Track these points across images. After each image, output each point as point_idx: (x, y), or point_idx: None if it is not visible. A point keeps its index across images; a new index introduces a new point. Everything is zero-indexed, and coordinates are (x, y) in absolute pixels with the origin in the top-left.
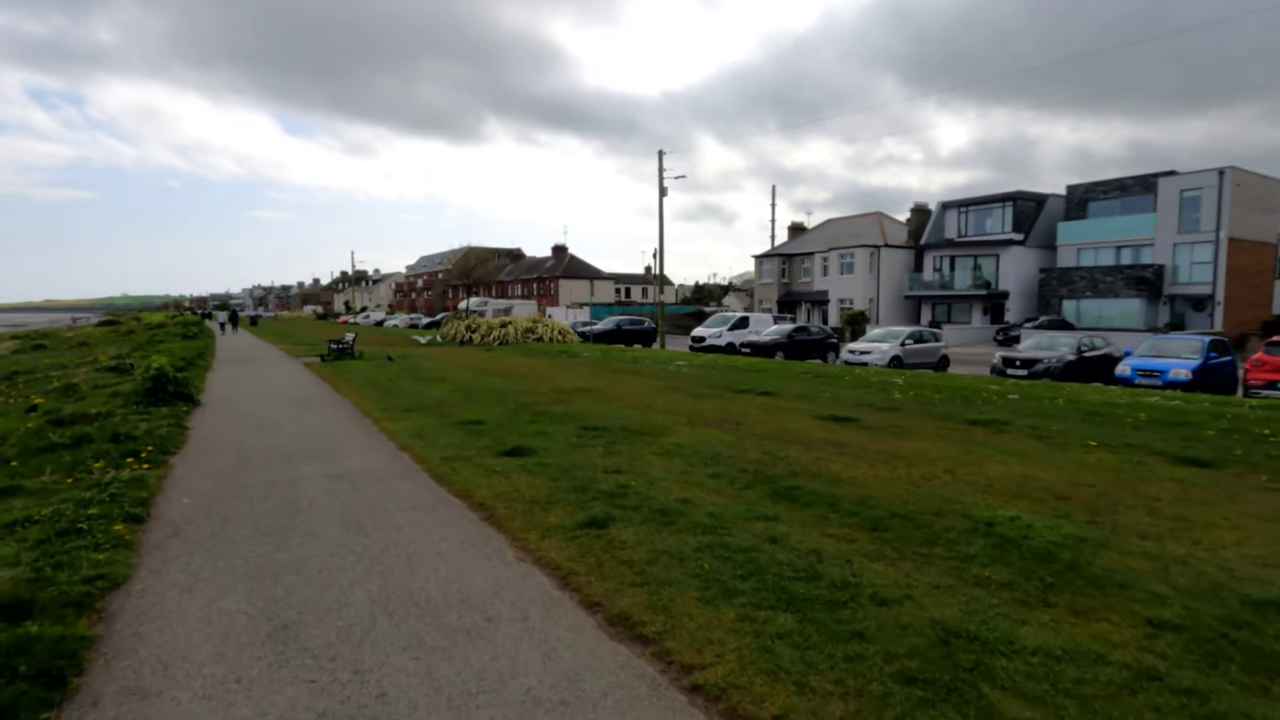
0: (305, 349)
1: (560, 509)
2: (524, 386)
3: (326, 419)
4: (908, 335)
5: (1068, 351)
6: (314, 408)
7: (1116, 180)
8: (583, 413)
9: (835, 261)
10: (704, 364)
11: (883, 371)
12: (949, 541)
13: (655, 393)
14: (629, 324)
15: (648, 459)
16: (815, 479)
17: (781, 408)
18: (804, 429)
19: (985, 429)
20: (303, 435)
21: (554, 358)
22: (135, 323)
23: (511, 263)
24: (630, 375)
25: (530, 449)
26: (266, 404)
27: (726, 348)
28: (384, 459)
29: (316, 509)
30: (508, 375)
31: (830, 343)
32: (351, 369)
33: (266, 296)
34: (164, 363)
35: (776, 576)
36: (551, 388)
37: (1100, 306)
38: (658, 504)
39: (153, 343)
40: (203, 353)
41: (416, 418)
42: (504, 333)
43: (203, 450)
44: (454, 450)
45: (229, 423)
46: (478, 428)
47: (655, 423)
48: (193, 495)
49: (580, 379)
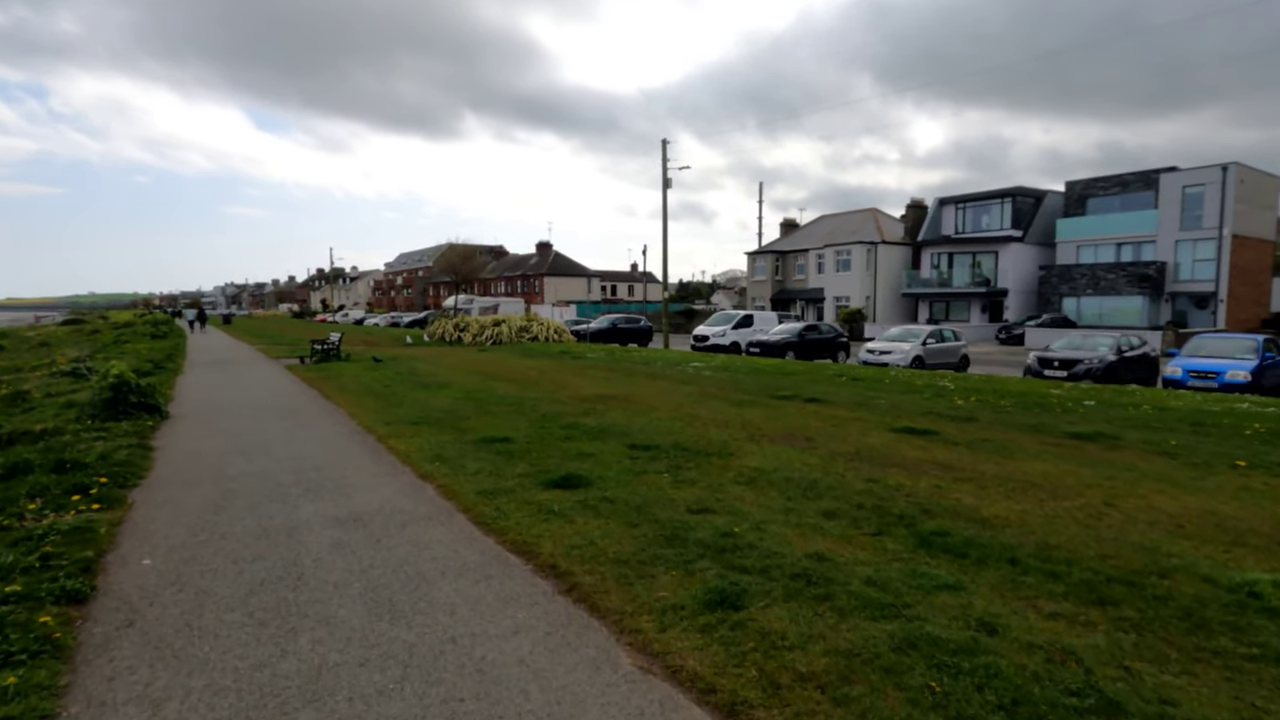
0: (285, 349)
1: (663, 573)
2: (539, 393)
3: (321, 436)
4: (929, 334)
5: (1108, 351)
6: (304, 421)
7: (1117, 176)
8: (621, 426)
9: (831, 258)
10: (721, 365)
11: (914, 374)
12: (1226, 626)
13: (690, 400)
14: (624, 322)
15: (731, 490)
16: (955, 518)
17: (841, 418)
18: (887, 446)
19: (1094, 444)
20: (296, 459)
21: (557, 359)
22: (101, 322)
23: (494, 260)
24: (649, 379)
25: (582, 477)
26: (248, 416)
27: (731, 347)
28: (403, 492)
29: (328, 574)
30: (516, 380)
31: (841, 342)
32: (340, 372)
33: (240, 294)
34: (125, 369)
35: (1053, 706)
36: (571, 395)
37: (1101, 304)
38: (786, 563)
39: (118, 343)
40: (172, 354)
41: (429, 434)
42: (497, 332)
43: (172, 481)
44: (489, 479)
45: (204, 442)
46: (506, 447)
47: (712, 439)
48: (157, 552)
49: (598, 384)
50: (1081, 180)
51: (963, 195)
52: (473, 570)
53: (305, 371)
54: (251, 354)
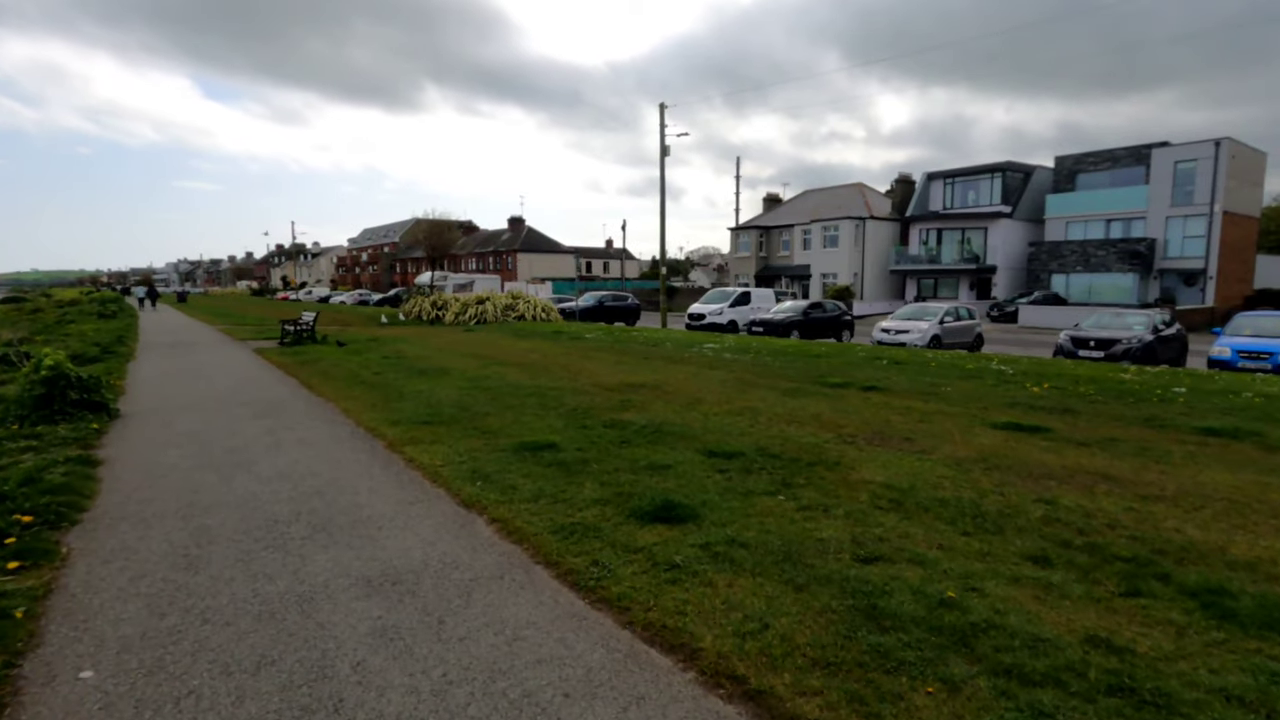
0: (250, 330)
1: (909, 688)
2: (556, 381)
3: (315, 440)
4: (946, 312)
5: (1144, 330)
6: (290, 419)
7: (1107, 151)
8: (676, 425)
9: (818, 234)
10: (737, 347)
11: (956, 355)
12: None
13: (732, 389)
14: (612, 300)
15: (882, 521)
16: (1202, 561)
17: (921, 410)
18: (1007, 449)
19: (1242, 443)
20: (289, 476)
21: (554, 340)
22: (45, 300)
23: (464, 235)
24: (670, 363)
25: (681, 505)
26: (218, 414)
27: (728, 326)
28: (448, 531)
29: (381, 702)
30: (520, 364)
31: (845, 320)
32: (318, 356)
33: (194, 271)
34: (61, 357)
35: None
36: (592, 383)
37: (1091, 281)
38: (1067, 658)
39: (62, 323)
40: (123, 336)
41: (450, 437)
42: (481, 310)
43: (124, 516)
44: (557, 509)
45: (165, 452)
46: (555, 456)
47: (798, 441)
48: (104, 654)
49: (615, 369)
50: (1071, 155)
51: (951, 170)
52: (610, 688)
53: (279, 356)
54: (214, 335)
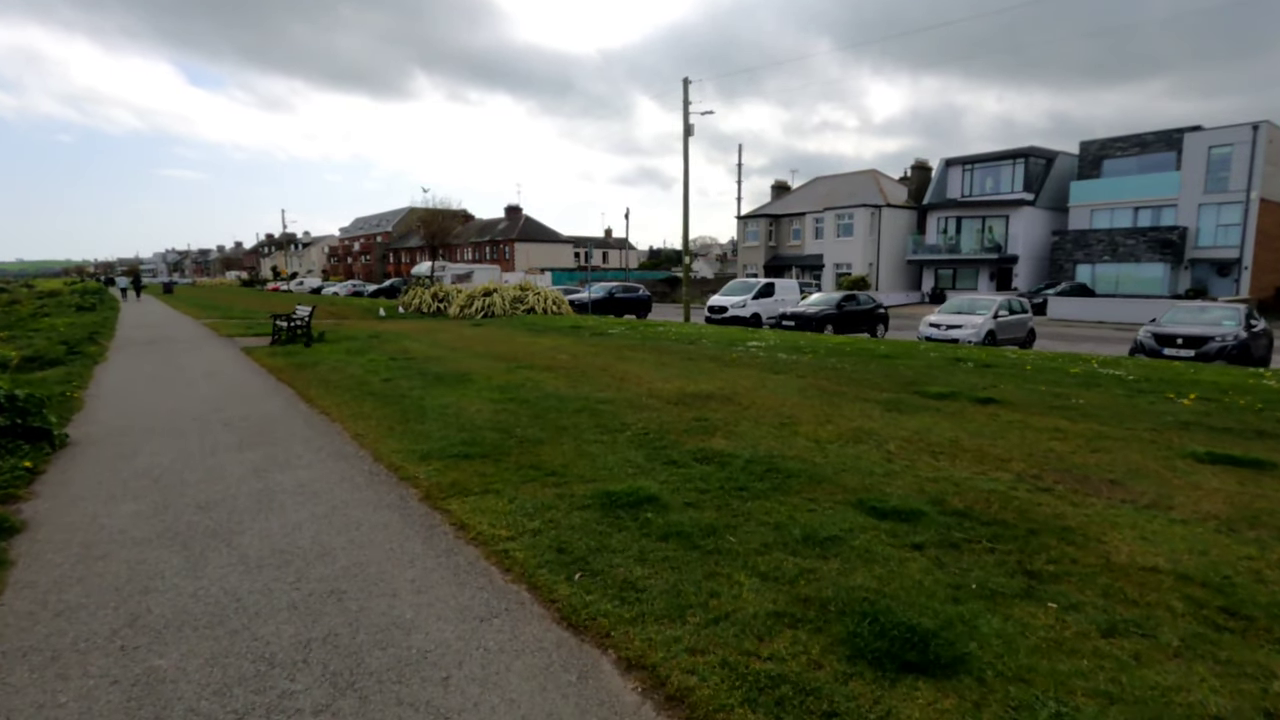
0: (238, 325)
1: None
2: (600, 390)
3: (324, 490)
4: (1000, 305)
5: (1237, 326)
6: (288, 451)
7: (1136, 136)
8: (786, 458)
9: (831, 223)
10: (787, 344)
11: (1042, 356)
12: None
13: (818, 401)
14: (622, 292)
15: (1265, 665)
16: None
17: (1071, 432)
18: (1265, 501)
19: None
20: (290, 561)
21: (577, 336)
22: (25, 291)
23: (460, 224)
24: (721, 365)
25: (933, 637)
26: (195, 442)
27: (752, 319)
28: (563, 697)
29: None
30: (550, 367)
31: (880, 313)
32: (317, 359)
33: (182, 261)
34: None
35: None
36: (647, 392)
37: (1119, 271)
38: None
39: (36, 316)
40: (97, 331)
41: (504, 481)
42: (489, 303)
43: (24, 652)
44: (723, 640)
45: (114, 511)
46: (662, 518)
47: (973, 488)
48: None
49: (663, 372)
50: (1097, 140)
51: (970, 156)
52: None
53: (270, 358)
54: (197, 330)
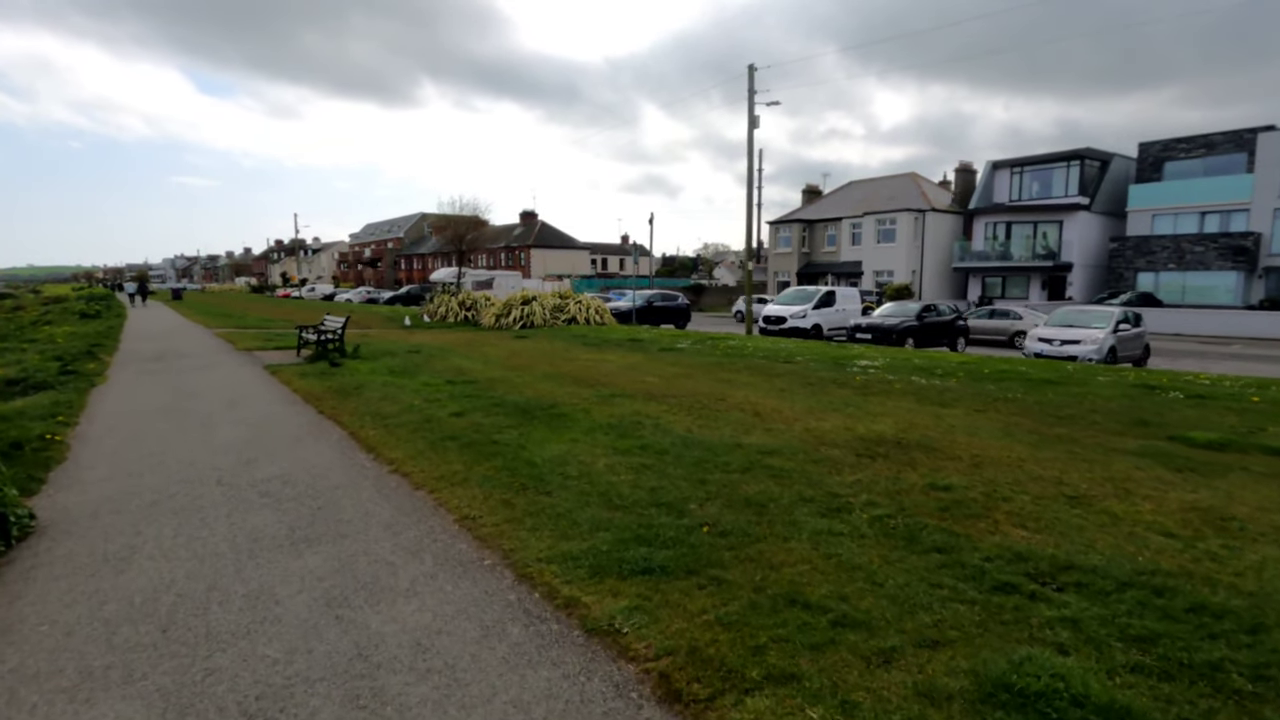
0: (255, 336)
1: None
2: (745, 432)
3: (460, 660)
4: (1119, 318)
5: None
6: (369, 557)
7: (1202, 137)
8: (1188, 576)
9: (871, 228)
10: (907, 365)
11: (1179, 375)
12: None
13: (1065, 454)
14: (661, 300)
15: None
16: None
17: None
18: None
19: None
20: None
21: (643, 351)
22: (31, 296)
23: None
24: (861, 393)
25: None
26: (219, 530)
27: (813, 331)
28: None
29: None
30: (650, 395)
31: (960, 326)
32: (359, 381)
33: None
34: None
35: None
36: (808, 434)
37: (1185, 280)
38: None
39: (38, 324)
40: (99, 343)
41: (785, 651)
42: (527, 312)
43: None
44: None
45: (88, 712)
46: None
47: None
48: None
49: (791, 401)
50: (1158, 142)
51: (1020, 158)
52: None
53: (302, 379)
54: (210, 342)
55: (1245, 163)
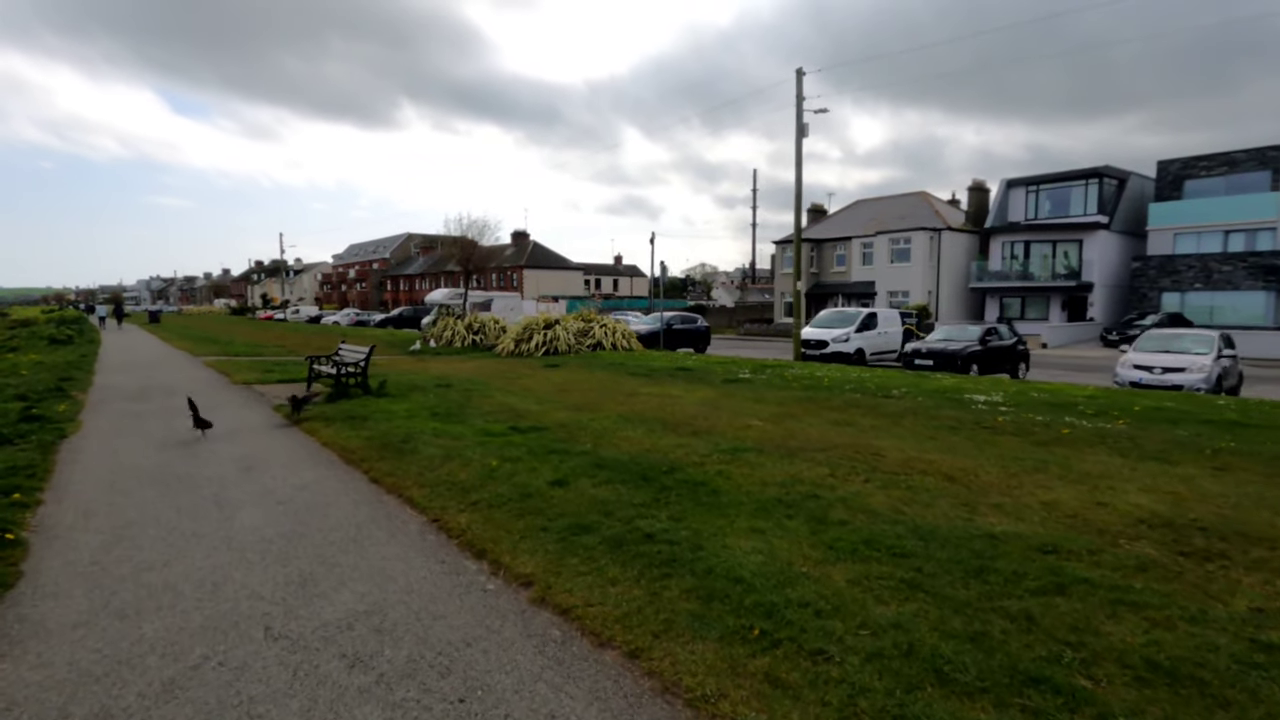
0: (250, 366)
1: None
2: (968, 512)
3: None
4: (1221, 341)
5: None
6: None
7: (1224, 155)
8: None
9: (884, 247)
10: (1029, 399)
11: None
12: None
13: None
14: (680, 322)
15: None
16: None
17: None
18: None
19: None
20: None
21: (707, 384)
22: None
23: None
24: (1036, 444)
25: None
26: None
27: (856, 355)
28: None
29: None
30: (789, 450)
31: (1021, 350)
32: (406, 431)
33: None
34: None
35: None
36: (1048, 510)
37: (1212, 300)
38: None
39: (2, 350)
40: (68, 377)
41: None
42: (550, 337)
43: None
44: None
45: None
46: None
47: None
48: None
49: (964, 459)
50: (1177, 160)
51: (1036, 176)
52: None
53: (327, 427)
54: (199, 373)
55: (1269, 180)
